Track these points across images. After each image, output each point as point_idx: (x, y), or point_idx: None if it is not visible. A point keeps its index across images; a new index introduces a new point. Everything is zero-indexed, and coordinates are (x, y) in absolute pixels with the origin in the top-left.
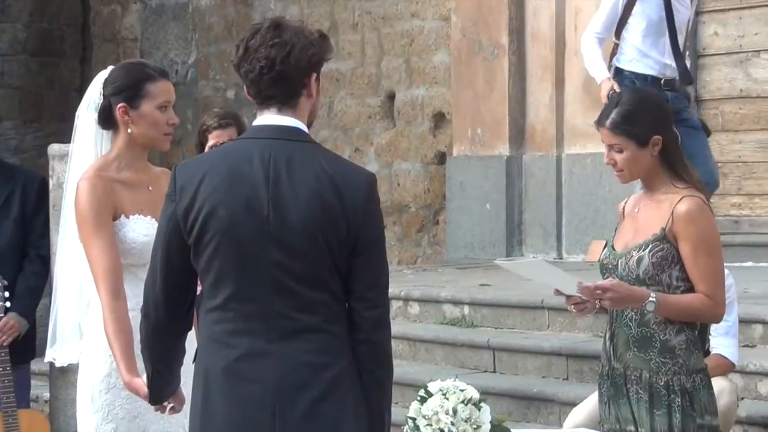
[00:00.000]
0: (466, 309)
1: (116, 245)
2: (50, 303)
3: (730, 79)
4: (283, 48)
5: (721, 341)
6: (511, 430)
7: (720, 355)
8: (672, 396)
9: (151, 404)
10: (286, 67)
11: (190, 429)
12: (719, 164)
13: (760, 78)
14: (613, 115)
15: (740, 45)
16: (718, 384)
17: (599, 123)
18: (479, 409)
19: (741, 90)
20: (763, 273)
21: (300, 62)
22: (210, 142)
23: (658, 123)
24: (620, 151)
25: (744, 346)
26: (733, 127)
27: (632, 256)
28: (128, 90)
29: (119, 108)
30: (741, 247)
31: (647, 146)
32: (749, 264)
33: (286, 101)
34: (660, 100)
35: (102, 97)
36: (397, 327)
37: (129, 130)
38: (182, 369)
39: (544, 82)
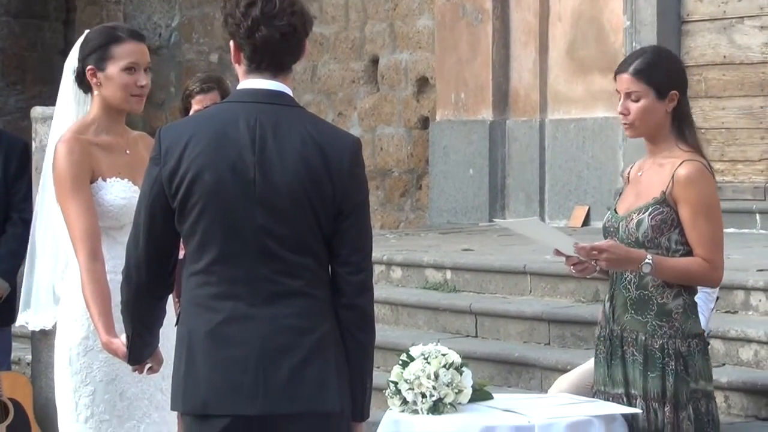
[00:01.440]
0: (449, 274)
1: (94, 208)
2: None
3: (714, 45)
4: (302, 17)
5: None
6: (493, 394)
7: None
8: (666, 359)
9: (130, 365)
10: (303, 35)
11: (173, 392)
12: (702, 130)
13: (743, 44)
14: (636, 63)
15: (724, 11)
16: None
17: (620, 71)
18: (461, 374)
19: (724, 56)
20: (745, 239)
21: (308, 31)
22: (194, 107)
23: (678, 79)
24: (637, 100)
25: (725, 312)
26: (716, 93)
27: (632, 219)
28: (96, 52)
29: (88, 70)
30: (723, 213)
31: (665, 99)
32: (731, 230)
33: (283, 68)
34: (680, 60)
35: (77, 61)
36: (379, 291)
37: (96, 93)
38: (161, 331)
39: (528, 47)
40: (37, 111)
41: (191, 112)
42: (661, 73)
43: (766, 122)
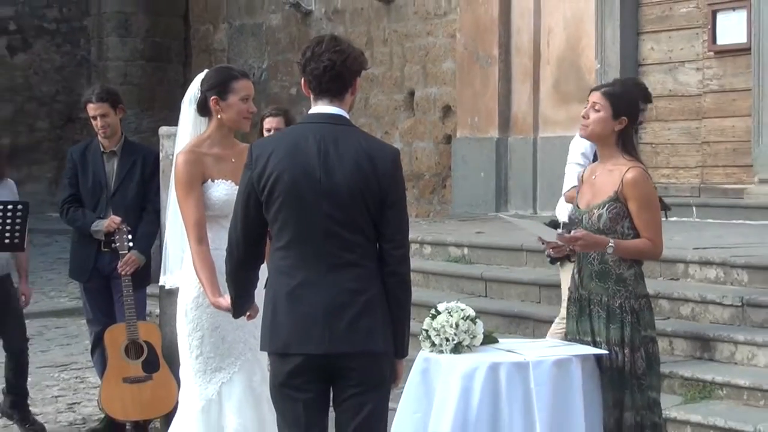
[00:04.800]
0: (466, 250)
1: (202, 204)
2: (161, 244)
3: (662, 81)
4: (342, 54)
5: None
6: (498, 339)
7: None
8: (624, 314)
9: (234, 317)
10: (343, 68)
11: (261, 336)
12: (653, 145)
13: (683, 81)
14: (608, 87)
15: (669, 57)
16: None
17: (595, 89)
18: (475, 324)
19: (670, 90)
20: (683, 226)
21: (353, 66)
22: (265, 126)
23: (631, 110)
24: (597, 111)
25: (670, 279)
26: (664, 117)
27: (594, 213)
28: (219, 86)
29: (212, 100)
30: None
31: (616, 119)
32: (674, 219)
33: (336, 95)
34: (638, 100)
35: (200, 92)
36: (414, 263)
37: (219, 116)
38: (256, 291)
39: (525, 84)
40: (163, 130)
41: (264, 130)
42: (622, 101)
43: (700, 139)
